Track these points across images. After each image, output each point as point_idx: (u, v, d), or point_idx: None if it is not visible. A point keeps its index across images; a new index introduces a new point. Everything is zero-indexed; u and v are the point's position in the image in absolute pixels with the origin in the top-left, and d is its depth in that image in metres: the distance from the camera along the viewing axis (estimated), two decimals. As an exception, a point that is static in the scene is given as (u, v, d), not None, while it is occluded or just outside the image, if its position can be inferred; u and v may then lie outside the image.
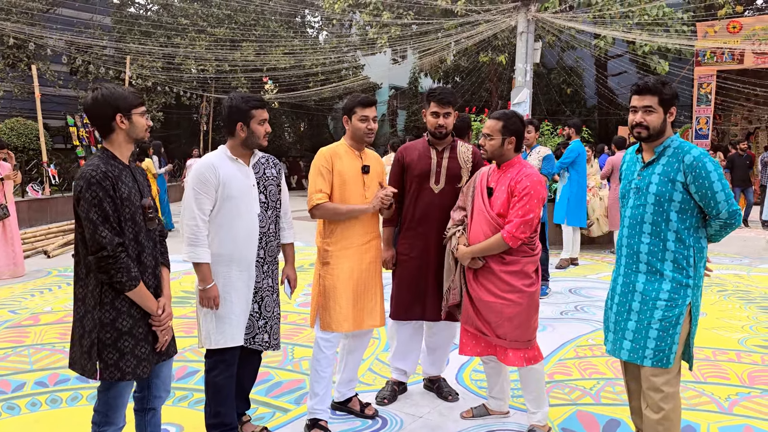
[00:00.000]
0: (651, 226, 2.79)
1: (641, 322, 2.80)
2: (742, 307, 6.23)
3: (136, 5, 23.15)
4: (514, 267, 3.29)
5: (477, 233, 3.38)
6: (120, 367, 2.54)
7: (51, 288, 7.03)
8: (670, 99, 2.76)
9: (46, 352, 4.80)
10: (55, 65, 19.78)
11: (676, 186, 2.71)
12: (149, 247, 2.67)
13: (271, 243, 3.31)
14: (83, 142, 14.71)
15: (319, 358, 3.50)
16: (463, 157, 3.77)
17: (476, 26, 15.42)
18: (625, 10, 14.76)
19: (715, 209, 2.69)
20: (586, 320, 5.75)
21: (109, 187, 2.48)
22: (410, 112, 26.55)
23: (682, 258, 2.75)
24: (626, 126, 14.92)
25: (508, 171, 3.38)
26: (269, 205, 3.31)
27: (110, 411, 2.66)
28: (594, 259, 8.98)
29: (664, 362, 2.76)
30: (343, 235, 3.50)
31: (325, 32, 24.59)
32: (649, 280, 2.80)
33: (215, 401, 3.20)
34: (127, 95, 2.62)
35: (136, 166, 2.78)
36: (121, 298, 2.55)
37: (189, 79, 20.68)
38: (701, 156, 2.67)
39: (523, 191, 3.24)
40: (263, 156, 3.36)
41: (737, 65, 17.73)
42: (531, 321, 3.32)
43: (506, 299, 3.27)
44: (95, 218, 2.44)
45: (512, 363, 3.31)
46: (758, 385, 4.19)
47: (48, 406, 3.83)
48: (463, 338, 3.51)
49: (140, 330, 2.61)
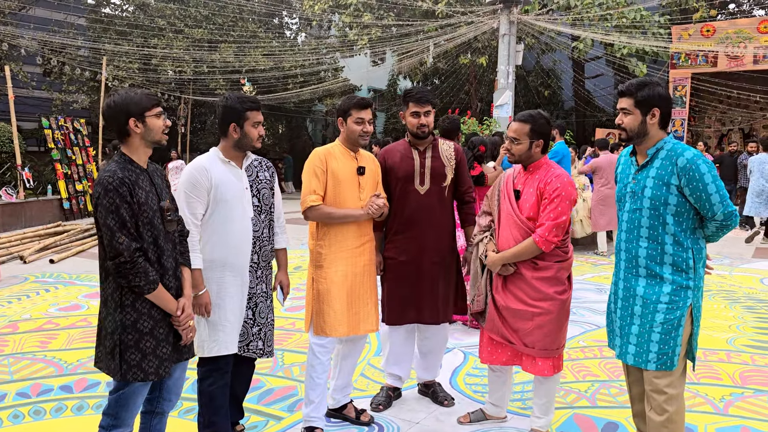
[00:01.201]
0: (648, 230, 2.76)
1: (643, 326, 2.78)
2: (728, 307, 6.29)
3: (112, 5, 22.77)
4: (546, 273, 3.22)
5: (507, 238, 3.29)
6: (142, 367, 2.56)
7: (29, 294, 6.83)
8: (646, 100, 2.72)
9: (27, 362, 4.65)
10: (29, 66, 19.36)
11: (671, 189, 2.68)
12: (169, 249, 2.66)
13: (265, 247, 3.24)
14: (58, 144, 14.39)
15: (314, 364, 3.43)
16: (446, 155, 3.73)
17: (457, 28, 15.46)
18: (604, 13, 14.92)
19: (710, 211, 2.66)
20: (576, 322, 5.75)
21: (126, 193, 2.49)
22: (389, 114, 26.52)
23: (681, 261, 2.73)
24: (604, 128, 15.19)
25: (536, 173, 3.29)
26: (262, 209, 3.23)
27: (122, 411, 2.62)
28: (578, 261, 9.01)
29: (668, 365, 2.74)
30: (337, 238, 3.43)
31: (304, 34, 24.45)
32: (650, 284, 2.78)
33: (209, 410, 3.12)
34: (139, 98, 2.61)
35: (155, 168, 2.75)
36: (141, 300, 2.56)
37: (166, 81, 20.39)
38: (694, 158, 2.64)
39: (554, 193, 3.17)
40: (256, 159, 3.29)
41: (711, 68, 18.03)
42: (562, 329, 3.26)
43: (537, 307, 3.19)
44: (112, 224, 2.46)
45: (541, 372, 3.25)
46: (751, 385, 4.22)
47: (31, 418, 3.69)
48: (487, 346, 3.42)
49: (161, 330, 2.62)
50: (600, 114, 22.38)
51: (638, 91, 2.74)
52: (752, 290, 7.09)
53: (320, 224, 3.46)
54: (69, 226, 11.44)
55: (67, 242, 10.26)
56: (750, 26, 17.31)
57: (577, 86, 22.93)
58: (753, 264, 8.76)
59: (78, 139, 15.01)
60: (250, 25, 20.80)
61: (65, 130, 14.70)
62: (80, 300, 6.56)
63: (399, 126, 24.42)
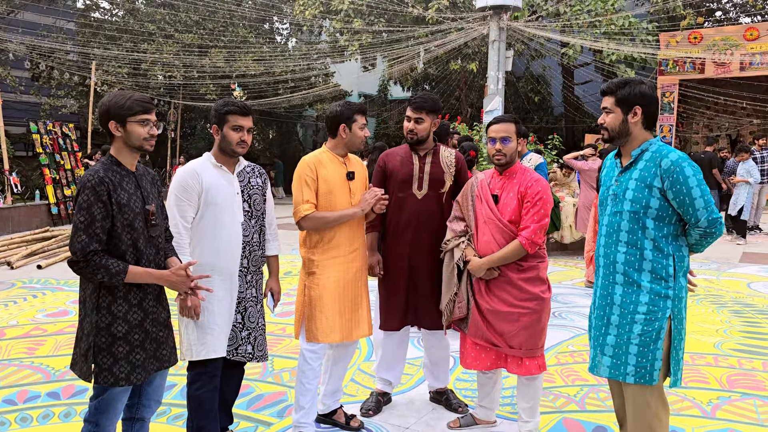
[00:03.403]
0: (627, 234, 2.64)
1: (621, 337, 2.65)
2: (715, 311, 6.34)
3: (102, 10, 22.69)
4: (530, 273, 3.26)
5: (488, 243, 3.31)
6: (113, 372, 2.52)
7: (16, 300, 6.77)
8: (626, 99, 2.63)
9: (14, 368, 4.60)
10: (17, 70, 19.25)
11: (653, 192, 2.57)
12: (150, 254, 2.64)
13: (255, 252, 3.24)
14: (47, 149, 14.30)
15: (305, 370, 3.42)
16: (446, 161, 3.74)
17: (447, 34, 15.53)
18: (593, 20, 15.06)
19: (693, 217, 2.54)
20: (565, 326, 5.77)
21: (102, 192, 2.47)
22: (380, 120, 26.58)
23: (661, 268, 2.59)
24: (593, 134, 15.33)
25: (514, 177, 3.34)
26: (253, 214, 3.24)
27: (102, 418, 2.60)
28: (568, 266, 9.06)
29: (647, 379, 2.61)
30: (329, 245, 3.42)
31: (295, 39, 24.46)
32: (627, 291, 2.65)
33: (198, 415, 3.10)
34: (127, 103, 2.57)
35: (146, 172, 2.74)
36: (118, 303, 2.53)
37: (156, 86, 20.33)
38: (679, 160, 2.53)
39: (536, 196, 3.22)
40: (249, 165, 3.29)
41: (698, 75, 18.23)
42: (545, 327, 3.30)
43: (524, 308, 3.23)
44: (79, 222, 2.45)
45: (528, 372, 3.27)
46: (738, 389, 4.25)
47: (18, 425, 3.66)
48: (471, 352, 3.42)
49: (136, 336, 2.58)
50: (589, 120, 22.54)
51: (618, 89, 2.66)
52: (739, 294, 7.15)
53: (308, 232, 3.44)
54: (57, 232, 11.36)
55: (54, 248, 10.17)
56: (736, 34, 17.53)
57: (567, 92, 23.11)
58: (740, 268, 8.83)
59: (66, 144, 14.92)
60: (240, 30, 20.78)
61: (54, 134, 14.59)
62: (68, 306, 6.50)
63: (390, 131, 24.47)
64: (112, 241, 2.53)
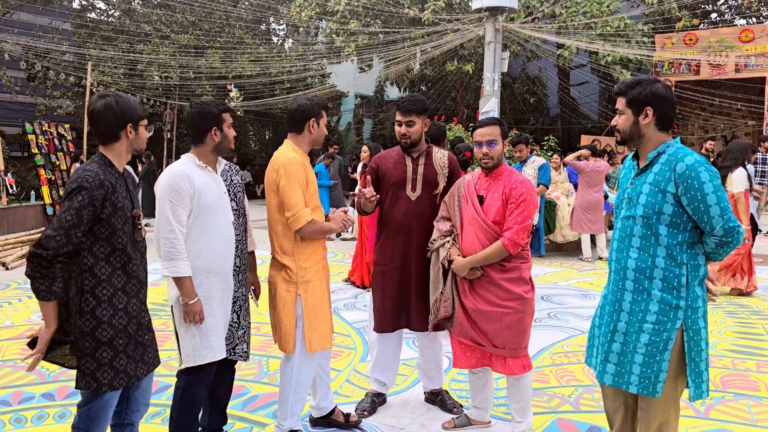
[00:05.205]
0: (640, 240, 2.52)
1: (627, 345, 2.55)
2: (709, 312, 6.35)
3: (98, 11, 22.66)
4: (513, 274, 3.28)
5: (472, 242, 3.34)
6: (96, 377, 2.49)
7: (11, 301, 6.75)
8: (637, 99, 2.51)
9: (8, 369, 4.59)
10: (12, 71, 19.19)
11: (667, 197, 2.44)
12: (137, 258, 2.63)
13: (244, 251, 3.29)
14: (42, 150, 14.27)
15: (301, 380, 3.36)
16: (439, 163, 3.75)
17: (443, 36, 15.55)
18: (588, 22, 15.10)
19: (708, 225, 2.40)
20: (560, 327, 5.79)
21: (99, 196, 2.44)
22: (376, 120, 26.59)
23: (673, 276, 2.45)
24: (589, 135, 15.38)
25: (499, 178, 3.37)
26: (240, 213, 3.26)
27: (93, 425, 2.58)
28: (563, 266, 9.08)
29: (650, 390, 2.50)
30: (314, 252, 3.35)
31: (291, 40, 24.46)
32: (636, 299, 2.53)
33: (189, 417, 3.10)
34: (137, 106, 2.62)
35: (128, 174, 2.73)
36: (102, 308, 2.49)
37: (152, 87, 20.31)
38: (695, 164, 2.38)
39: (520, 198, 3.25)
40: (227, 163, 3.32)
41: (694, 76, 18.31)
42: (528, 328, 3.32)
43: (507, 307, 3.25)
44: (65, 220, 2.38)
45: (511, 371, 3.29)
46: (731, 389, 4.27)
47: (12, 426, 3.65)
48: (457, 351, 3.46)
49: (120, 341, 2.55)
50: (585, 121, 22.59)
51: (629, 90, 2.54)
52: (733, 295, 7.17)
53: (296, 239, 3.27)
54: (52, 233, 11.32)
55: (50, 248, 10.14)
56: (732, 35, 17.61)
57: (563, 93, 23.14)
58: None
59: (62, 145, 14.88)
60: (236, 31, 20.78)
61: (49, 135, 14.56)
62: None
63: (386, 132, 24.49)
64: (108, 242, 2.50)
